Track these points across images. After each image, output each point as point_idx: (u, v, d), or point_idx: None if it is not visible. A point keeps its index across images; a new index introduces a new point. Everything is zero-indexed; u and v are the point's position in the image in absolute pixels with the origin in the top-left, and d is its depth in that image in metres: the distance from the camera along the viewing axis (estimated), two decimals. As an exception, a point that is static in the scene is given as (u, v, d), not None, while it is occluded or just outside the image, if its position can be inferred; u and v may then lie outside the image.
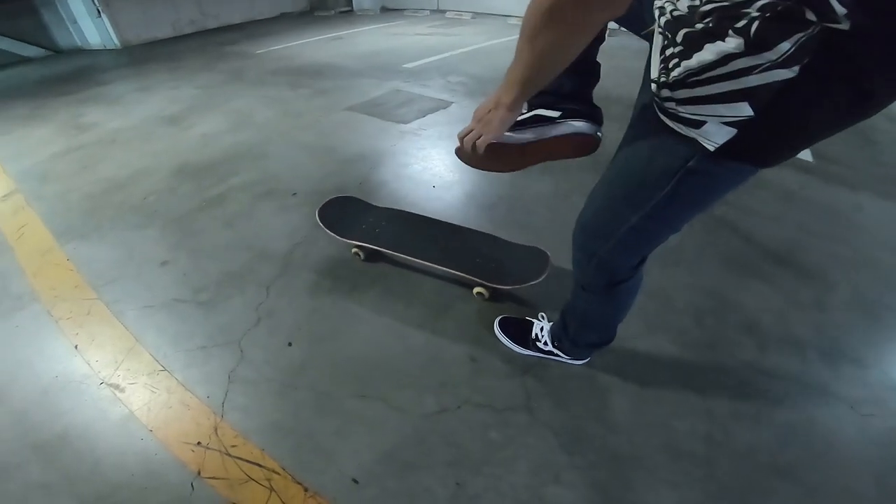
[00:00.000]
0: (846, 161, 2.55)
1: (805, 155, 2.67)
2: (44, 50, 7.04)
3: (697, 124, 0.63)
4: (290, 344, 1.48)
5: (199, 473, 1.14)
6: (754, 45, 0.51)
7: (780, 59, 0.52)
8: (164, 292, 1.71)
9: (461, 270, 1.58)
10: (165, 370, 1.41)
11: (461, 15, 7.50)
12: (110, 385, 1.38)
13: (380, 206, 1.96)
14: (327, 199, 1.92)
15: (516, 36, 0.67)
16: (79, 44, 7.16)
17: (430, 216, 1.91)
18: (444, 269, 1.60)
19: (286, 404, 1.30)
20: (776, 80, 0.53)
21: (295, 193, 2.28)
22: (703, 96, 0.60)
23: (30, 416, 1.31)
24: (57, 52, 7.08)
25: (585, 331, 1.23)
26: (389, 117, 3.17)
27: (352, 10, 8.56)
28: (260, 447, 1.19)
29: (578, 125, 0.96)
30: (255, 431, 1.23)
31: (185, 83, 4.13)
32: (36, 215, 2.25)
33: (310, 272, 1.77)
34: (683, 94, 0.62)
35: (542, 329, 1.38)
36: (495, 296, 1.62)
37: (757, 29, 0.50)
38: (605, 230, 0.90)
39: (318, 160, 2.62)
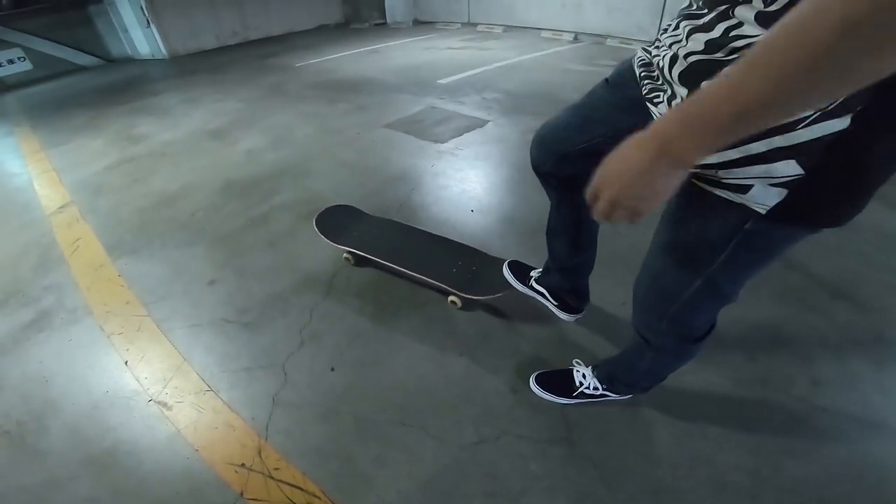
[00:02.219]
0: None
1: None
2: (97, 59, 7.44)
3: (744, 189, 0.56)
4: (332, 369, 1.49)
5: (242, 495, 1.15)
6: None
7: (829, 108, 0.46)
8: (211, 312, 1.75)
9: (436, 279, 1.65)
10: (212, 390, 1.44)
11: (492, 28, 7.52)
12: (158, 403, 1.42)
13: (373, 215, 2.08)
14: (323, 209, 2.07)
15: (550, 50, 0.62)
16: (129, 53, 7.54)
17: (417, 227, 2.01)
18: (420, 276, 1.68)
19: (328, 429, 1.31)
20: (827, 133, 0.48)
21: (337, 215, 2.31)
22: (743, 158, 0.53)
23: (81, 430, 1.36)
24: (109, 62, 7.47)
25: (647, 379, 1.19)
26: (427, 136, 3.19)
27: (385, 23, 8.72)
28: (302, 471, 1.20)
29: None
30: (297, 455, 1.24)
31: (229, 96, 4.27)
32: (89, 229, 2.35)
33: (352, 297, 1.78)
34: (719, 157, 0.54)
35: (584, 376, 1.34)
36: (468, 305, 1.67)
37: None
38: (670, 293, 0.83)
39: (359, 180, 2.66)
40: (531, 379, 1.42)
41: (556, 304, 1.44)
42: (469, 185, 2.53)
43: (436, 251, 1.81)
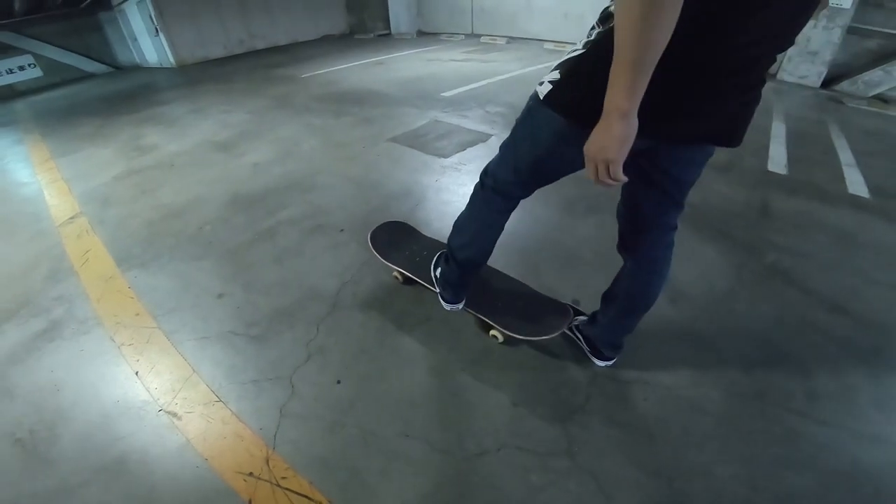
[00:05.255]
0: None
1: (861, 189, 2.61)
2: (106, 66, 7.54)
3: (540, 84, 1.01)
4: (338, 382, 1.52)
5: (249, 503, 1.18)
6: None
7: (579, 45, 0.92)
8: (220, 324, 1.79)
9: (481, 312, 1.63)
10: (221, 401, 1.47)
11: (495, 40, 7.60)
12: (168, 413, 1.44)
13: (427, 235, 2.05)
14: (380, 224, 2.04)
15: (553, 62, 0.82)
16: (137, 61, 7.64)
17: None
18: (465, 308, 1.66)
19: (335, 440, 1.33)
20: (572, 55, 0.92)
21: (342, 230, 2.35)
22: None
23: (92, 438, 1.38)
24: (117, 69, 7.55)
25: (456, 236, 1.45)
26: (431, 150, 3.25)
27: (389, 34, 8.82)
28: (309, 481, 1.22)
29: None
30: (304, 465, 1.27)
31: (236, 107, 4.34)
32: (99, 240, 2.39)
33: (358, 312, 1.82)
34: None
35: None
36: (510, 341, 1.64)
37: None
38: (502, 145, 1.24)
39: (364, 195, 2.70)
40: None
41: (589, 350, 1.52)
42: (472, 200, 2.57)
43: (484, 282, 1.77)
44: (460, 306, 1.65)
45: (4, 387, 1.58)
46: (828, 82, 4.74)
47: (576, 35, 6.55)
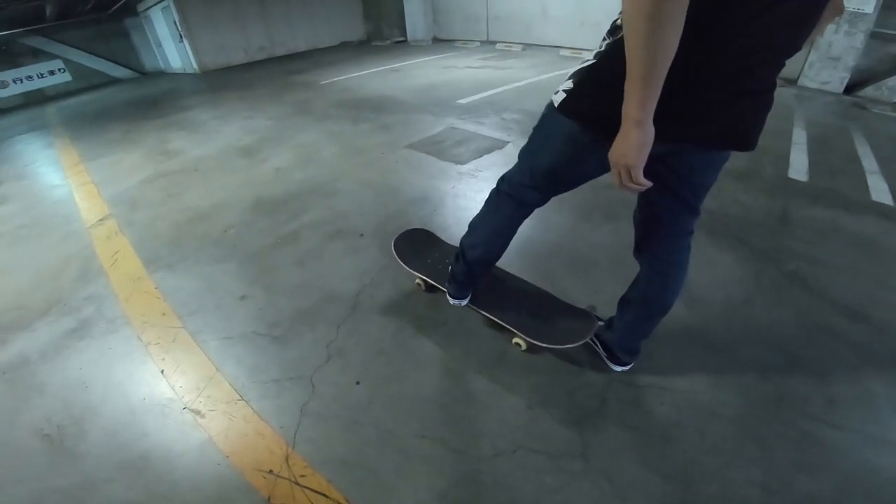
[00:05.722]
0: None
1: (885, 197, 2.56)
2: (131, 71, 7.76)
3: (555, 93, 1.05)
4: (357, 383, 1.55)
5: (269, 500, 1.20)
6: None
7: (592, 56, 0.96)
8: (243, 325, 1.83)
9: (504, 320, 1.63)
10: (243, 400, 1.51)
11: (511, 47, 7.62)
12: (192, 410, 1.48)
13: (449, 243, 2.06)
14: (403, 231, 2.07)
15: (569, 69, 0.86)
16: (161, 67, 7.85)
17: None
18: (488, 315, 1.67)
19: (353, 440, 1.36)
20: (584, 65, 0.98)
21: (362, 235, 2.39)
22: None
23: (118, 434, 1.43)
24: (142, 74, 7.77)
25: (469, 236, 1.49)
26: (447, 157, 3.28)
27: (405, 41, 8.92)
28: (327, 479, 1.25)
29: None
30: (323, 463, 1.29)
31: (258, 113, 4.44)
32: (127, 242, 2.48)
33: (376, 314, 1.85)
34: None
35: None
36: (532, 349, 1.64)
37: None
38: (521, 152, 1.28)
39: (383, 200, 2.75)
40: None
41: (606, 354, 1.53)
42: (489, 207, 2.59)
43: (508, 290, 1.80)
44: (464, 302, 1.71)
45: (35, 383, 1.64)
46: (851, 88, 4.66)
47: (592, 42, 6.51)
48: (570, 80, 1.01)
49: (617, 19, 0.90)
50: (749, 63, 0.83)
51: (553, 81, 5.13)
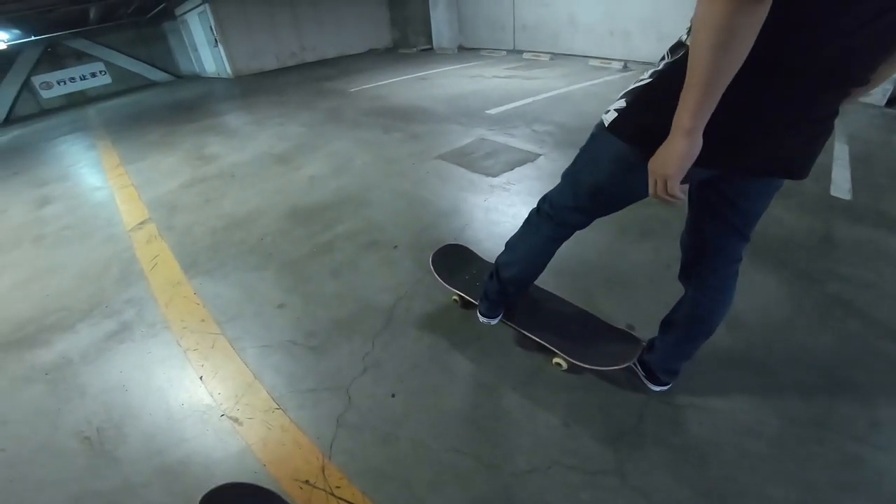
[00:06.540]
0: None
1: None
2: (168, 75, 8.02)
3: (606, 112, 1.04)
4: (393, 395, 1.54)
5: None
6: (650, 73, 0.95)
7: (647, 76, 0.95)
8: (280, 334, 1.85)
9: (545, 340, 1.61)
10: (280, 408, 1.52)
11: (539, 56, 7.57)
12: (230, 418, 1.50)
13: (486, 259, 2.04)
14: (441, 246, 2.06)
15: (600, 80, 0.85)
16: (197, 71, 8.08)
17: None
18: (529, 334, 1.64)
19: (388, 452, 1.35)
20: (640, 84, 0.96)
21: (396, 246, 2.40)
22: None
23: (156, 439, 1.45)
24: (178, 78, 8.02)
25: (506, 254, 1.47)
26: (478, 169, 3.28)
27: (431, 48, 8.99)
28: (362, 490, 1.24)
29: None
30: (358, 475, 1.29)
31: (290, 120, 4.53)
32: (166, 246, 2.54)
33: (412, 327, 1.85)
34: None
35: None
36: (574, 369, 1.61)
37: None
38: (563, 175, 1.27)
39: (415, 212, 2.75)
40: None
41: (645, 374, 1.50)
42: (521, 221, 2.57)
43: (547, 309, 1.77)
44: (494, 321, 1.67)
45: (77, 384, 1.68)
46: (893, 101, 4.48)
47: (622, 52, 6.48)
48: (623, 99, 0.99)
49: (682, 35, 0.88)
50: (816, 89, 0.80)
51: (583, 93, 5.07)
